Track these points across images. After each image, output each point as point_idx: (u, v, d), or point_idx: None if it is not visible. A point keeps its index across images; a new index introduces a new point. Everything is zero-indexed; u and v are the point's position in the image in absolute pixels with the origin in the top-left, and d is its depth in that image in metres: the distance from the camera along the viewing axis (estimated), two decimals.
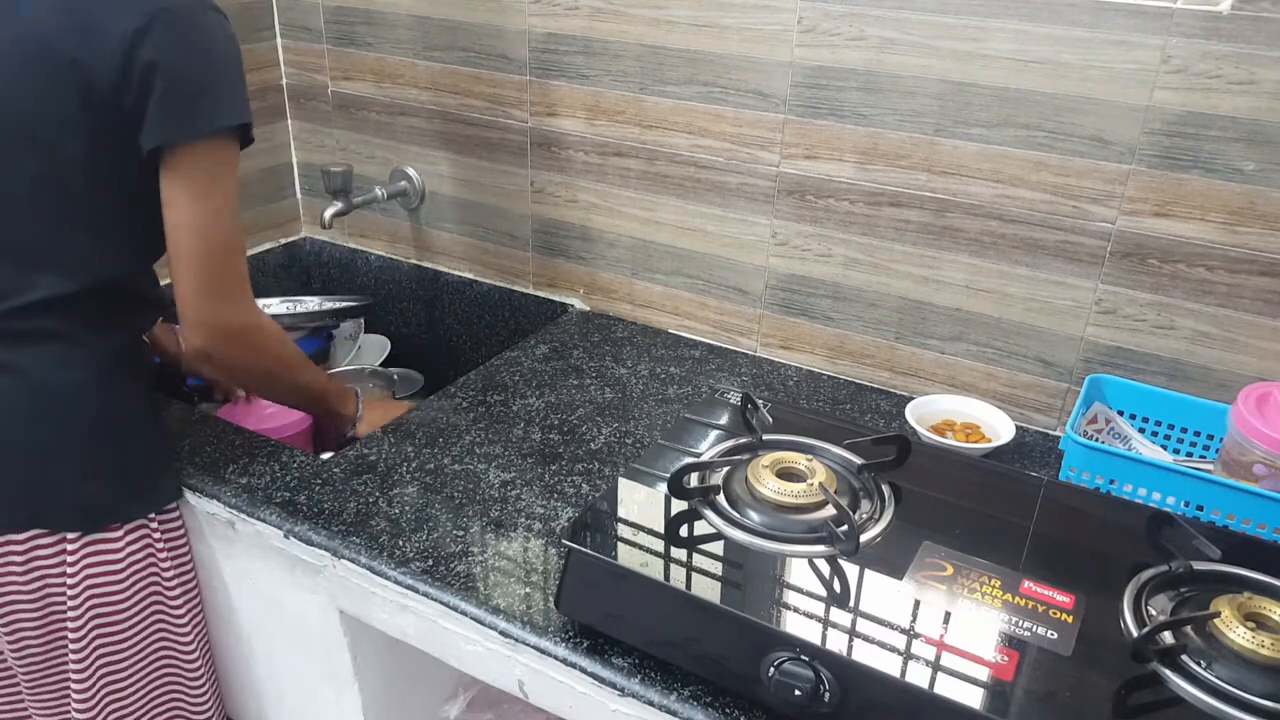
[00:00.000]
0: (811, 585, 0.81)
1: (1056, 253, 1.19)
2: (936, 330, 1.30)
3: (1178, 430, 1.15)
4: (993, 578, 0.82)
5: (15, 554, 0.99)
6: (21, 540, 0.98)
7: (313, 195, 1.83)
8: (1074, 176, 1.14)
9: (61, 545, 1.00)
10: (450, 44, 1.53)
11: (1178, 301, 1.14)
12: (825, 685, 0.74)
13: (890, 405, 1.32)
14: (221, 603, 1.19)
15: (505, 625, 0.90)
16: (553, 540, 1.01)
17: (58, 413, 0.99)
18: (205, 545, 1.14)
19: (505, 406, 1.27)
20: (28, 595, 1.00)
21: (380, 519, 1.04)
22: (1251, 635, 0.72)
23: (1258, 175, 1.06)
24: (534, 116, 1.50)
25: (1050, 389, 1.26)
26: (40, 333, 0.98)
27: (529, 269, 1.63)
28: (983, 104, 1.16)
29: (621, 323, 1.55)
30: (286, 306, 1.61)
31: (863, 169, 1.26)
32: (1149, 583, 0.82)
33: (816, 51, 1.24)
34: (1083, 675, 0.72)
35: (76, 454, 1.00)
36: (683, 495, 0.89)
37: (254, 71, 1.68)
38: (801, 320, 1.40)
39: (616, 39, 1.38)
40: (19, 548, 0.98)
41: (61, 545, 1.00)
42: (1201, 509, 1.00)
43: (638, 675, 0.83)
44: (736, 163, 1.35)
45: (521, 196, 1.57)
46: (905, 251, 1.28)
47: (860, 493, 0.93)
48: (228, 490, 1.08)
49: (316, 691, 1.17)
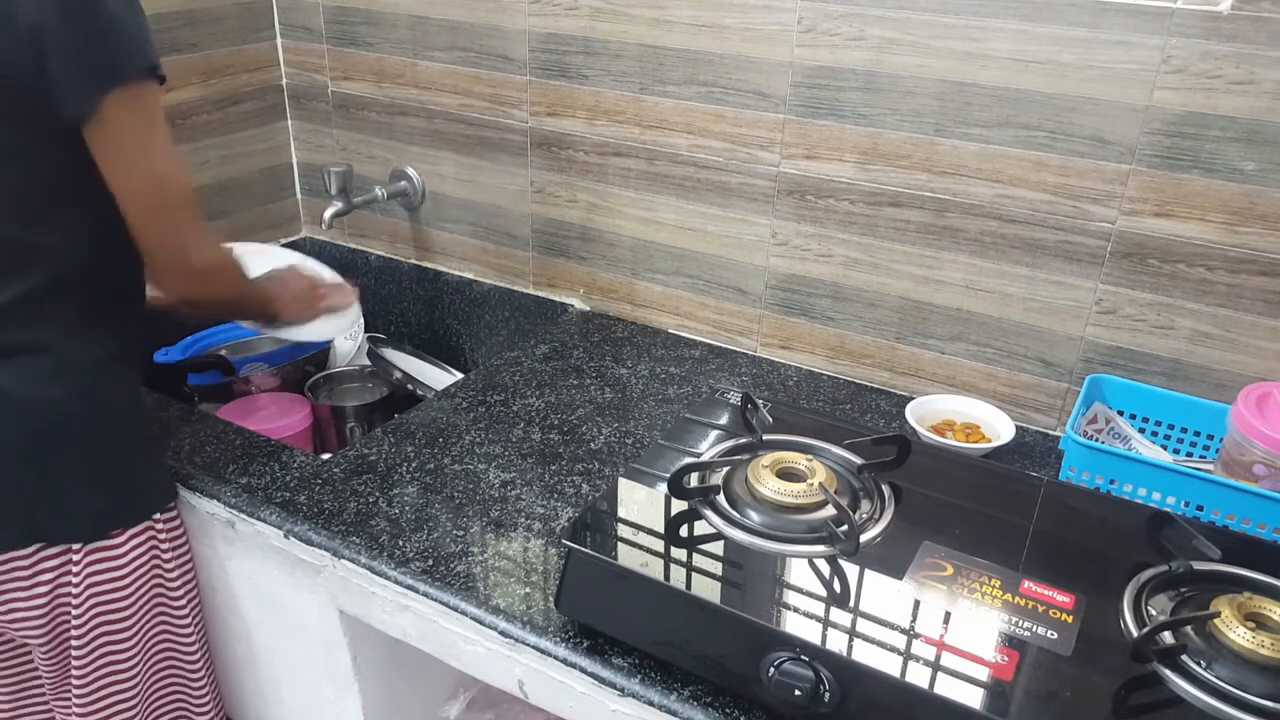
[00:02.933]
0: (811, 585, 0.81)
1: (1056, 253, 1.19)
2: (936, 330, 1.30)
3: (1178, 430, 1.15)
4: (993, 578, 0.82)
5: (21, 570, 0.98)
6: (27, 556, 0.98)
7: (313, 195, 1.83)
8: (1074, 176, 1.14)
9: (67, 557, 0.99)
10: (450, 44, 1.53)
11: (1178, 301, 1.14)
12: (825, 685, 0.74)
13: (890, 405, 1.32)
14: (222, 603, 1.19)
15: (505, 625, 0.90)
16: (553, 540, 1.01)
17: (46, 428, 0.97)
18: (205, 545, 1.15)
19: (505, 406, 1.27)
20: (37, 610, 1.00)
21: (380, 519, 1.04)
22: (1251, 635, 0.72)
23: (1258, 175, 1.06)
24: (534, 116, 1.50)
25: (1050, 389, 1.26)
26: (17, 346, 0.95)
27: (529, 269, 1.63)
28: (983, 104, 1.16)
29: (621, 323, 1.55)
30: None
31: (863, 169, 1.26)
32: (1149, 583, 0.82)
33: (816, 51, 1.24)
34: (1083, 675, 0.72)
35: (71, 466, 0.98)
36: (683, 495, 0.89)
37: (254, 71, 1.68)
38: (801, 320, 1.40)
39: (616, 39, 1.38)
40: (24, 564, 0.98)
41: (67, 557, 0.99)
42: (1201, 509, 1.00)
43: (638, 675, 0.83)
44: (736, 163, 1.35)
45: (521, 196, 1.57)
46: (905, 251, 1.28)
47: (860, 493, 0.93)
48: (228, 490, 1.08)
49: (316, 691, 1.17)
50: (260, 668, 1.23)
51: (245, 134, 1.70)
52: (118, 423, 1.03)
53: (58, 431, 0.97)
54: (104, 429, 1.01)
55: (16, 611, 1.00)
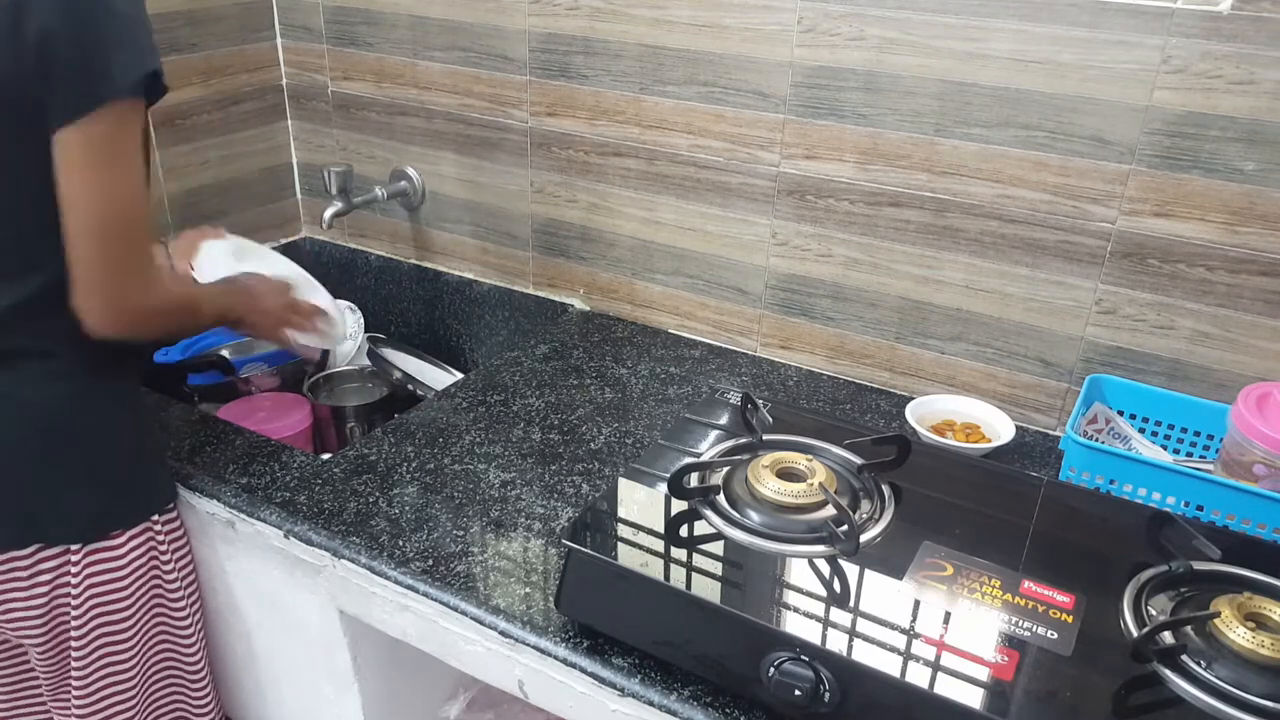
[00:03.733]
0: (811, 585, 0.81)
1: (1056, 253, 1.19)
2: (936, 330, 1.30)
3: (1178, 430, 1.15)
4: (993, 578, 0.82)
5: (20, 570, 0.98)
6: (26, 556, 0.97)
7: (313, 195, 1.83)
8: (1074, 176, 1.14)
9: (65, 558, 0.99)
10: (450, 44, 1.53)
11: (1178, 301, 1.14)
12: (825, 685, 0.74)
13: (890, 405, 1.32)
14: (222, 603, 1.19)
15: (505, 625, 0.90)
16: (553, 540, 1.01)
17: (45, 429, 0.97)
18: (205, 545, 1.15)
19: (505, 406, 1.27)
20: (36, 610, 1.00)
21: (380, 519, 1.04)
22: (1251, 635, 0.72)
23: (1258, 175, 1.06)
24: (534, 116, 1.50)
25: (1050, 389, 1.26)
26: (17, 351, 0.94)
27: (529, 269, 1.63)
28: (983, 104, 1.16)
29: (621, 323, 1.55)
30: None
31: (863, 169, 1.26)
32: (1149, 583, 0.82)
33: (816, 51, 1.24)
34: (1083, 675, 0.72)
35: (70, 467, 0.98)
36: (683, 495, 0.89)
37: (254, 71, 1.68)
38: (801, 320, 1.40)
39: (616, 39, 1.38)
40: (24, 564, 0.98)
41: (65, 558, 0.99)
42: (1201, 509, 1.00)
43: (638, 675, 0.83)
44: (736, 163, 1.35)
45: (521, 196, 1.57)
46: (905, 251, 1.28)
47: (860, 493, 0.93)
48: (228, 490, 1.08)
49: (316, 691, 1.17)
50: (260, 668, 1.22)
51: (245, 134, 1.70)
52: (117, 424, 1.03)
53: (57, 432, 0.97)
54: (103, 430, 1.01)
55: (15, 612, 0.99)
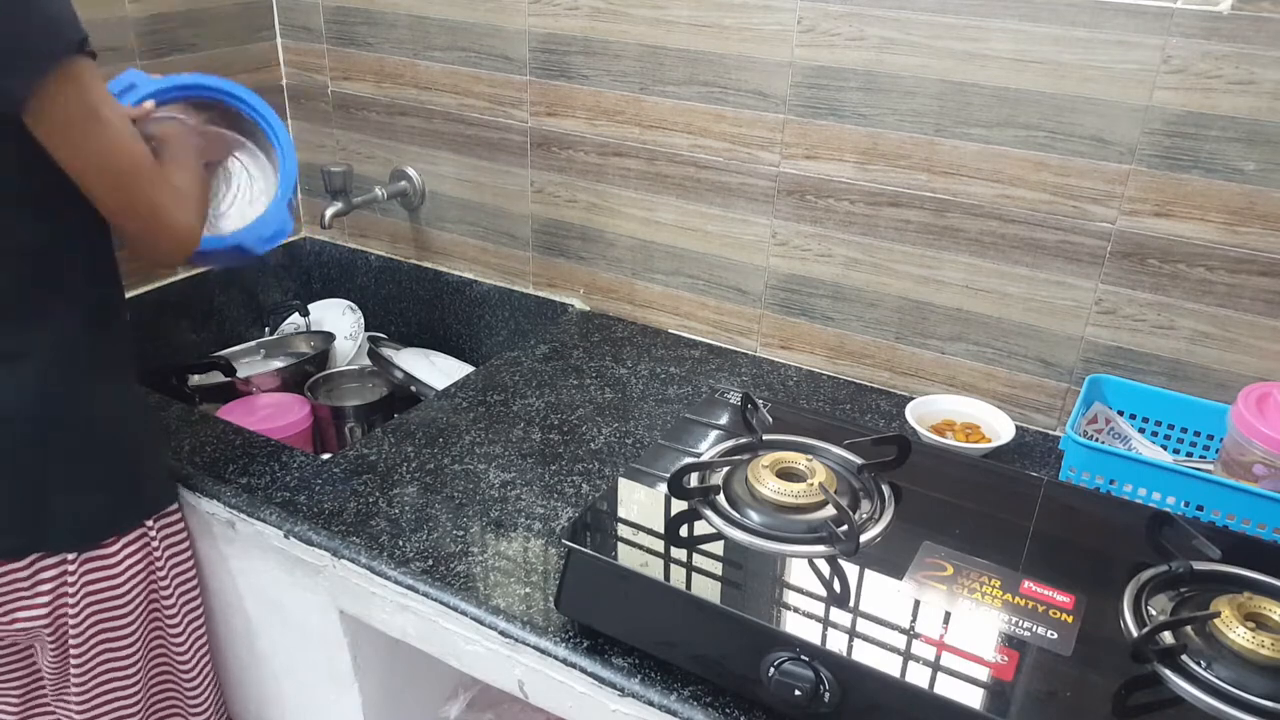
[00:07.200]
0: (811, 585, 0.81)
1: (1056, 253, 1.19)
2: (936, 330, 1.30)
3: (1178, 430, 1.15)
4: (993, 578, 0.82)
5: (20, 580, 0.98)
6: (24, 566, 0.97)
7: (313, 195, 1.83)
8: (1074, 176, 1.14)
9: (63, 566, 0.99)
10: (450, 44, 1.53)
11: (1178, 301, 1.14)
12: (825, 685, 0.74)
13: (890, 405, 1.32)
14: (222, 603, 1.19)
15: (505, 625, 0.90)
16: (553, 540, 1.01)
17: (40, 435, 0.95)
18: (206, 545, 1.14)
19: (505, 406, 1.27)
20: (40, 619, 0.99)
21: (380, 519, 1.04)
22: (1251, 635, 0.72)
23: (1258, 175, 1.06)
24: (534, 116, 1.50)
25: (1050, 389, 1.26)
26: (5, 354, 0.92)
27: (529, 269, 1.63)
28: (983, 104, 1.16)
29: (621, 323, 1.55)
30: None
31: (863, 169, 1.26)
32: (1149, 583, 0.82)
33: (816, 51, 1.24)
34: (1083, 675, 0.72)
35: (66, 473, 0.97)
36: (683, 495, 0.89)
37: (254, 71, 1.68)
38: (801, 320, 1.40)
39: (616, 39, 1.37)
40: (23, 574, 0.97)
41: (63, 566, 0.99)
42: (1201, 509, 1.00)
43: (638, 675, 0.83)
44: (736, 163, 1.35)
45: (521, 196, 1.57)
46: (905, 251, 1.28)
47: (860, 493, 0.93)
48: (228, 490, 1.08)
49: (316, 691, 1.17)
50: (261, 668, 1.23)
51: None
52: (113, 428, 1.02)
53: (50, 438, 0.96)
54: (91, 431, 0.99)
55: (20, 621, 0.99)
